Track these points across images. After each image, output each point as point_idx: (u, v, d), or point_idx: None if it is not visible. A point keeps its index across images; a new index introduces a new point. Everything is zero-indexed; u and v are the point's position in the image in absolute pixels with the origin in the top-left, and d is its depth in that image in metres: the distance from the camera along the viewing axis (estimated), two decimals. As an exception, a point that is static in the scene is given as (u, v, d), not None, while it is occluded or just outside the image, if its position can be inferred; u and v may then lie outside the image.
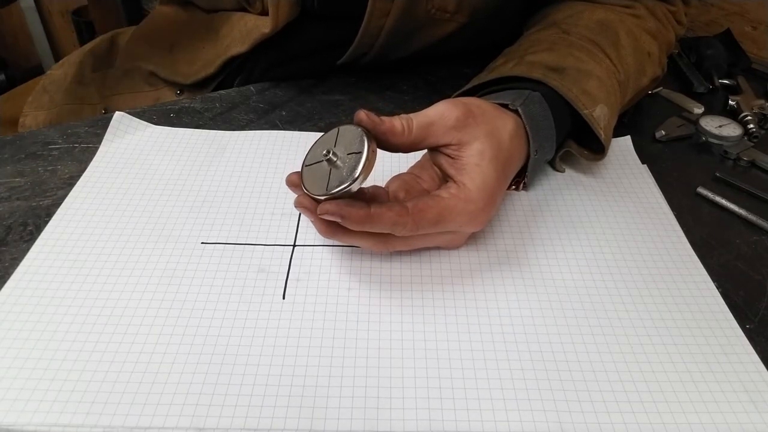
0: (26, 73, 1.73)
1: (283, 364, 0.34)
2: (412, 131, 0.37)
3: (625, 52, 0.50)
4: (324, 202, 0.34)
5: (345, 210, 0.33)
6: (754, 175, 0.53)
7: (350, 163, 0.34)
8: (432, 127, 0.37)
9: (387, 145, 0.37)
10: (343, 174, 0.34)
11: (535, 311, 0.38)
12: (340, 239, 0.37)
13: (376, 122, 0.36)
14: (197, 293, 0.38)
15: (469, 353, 0.35)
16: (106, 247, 0.41)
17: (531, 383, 0.33)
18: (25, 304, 0.37)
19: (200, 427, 0.31)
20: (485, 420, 0.32)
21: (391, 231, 0.35)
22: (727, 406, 0.33)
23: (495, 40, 0.60)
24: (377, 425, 0.31)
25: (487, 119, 0.39)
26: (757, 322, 0.38)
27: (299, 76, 0.63)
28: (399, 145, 0.37)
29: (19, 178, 0.47)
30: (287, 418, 0.31)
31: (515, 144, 0.41)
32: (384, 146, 0.37)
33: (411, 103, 0.60)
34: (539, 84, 0.45)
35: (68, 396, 0.31)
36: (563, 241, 0.43)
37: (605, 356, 0.35)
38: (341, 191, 0.33)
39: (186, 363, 0.34)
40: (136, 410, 0.31)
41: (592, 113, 0.44)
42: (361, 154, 0.34)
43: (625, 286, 0.40)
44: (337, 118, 0.57)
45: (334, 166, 0.35)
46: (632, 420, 0.32)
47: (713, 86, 0.65)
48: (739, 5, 0.80)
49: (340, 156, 0.35)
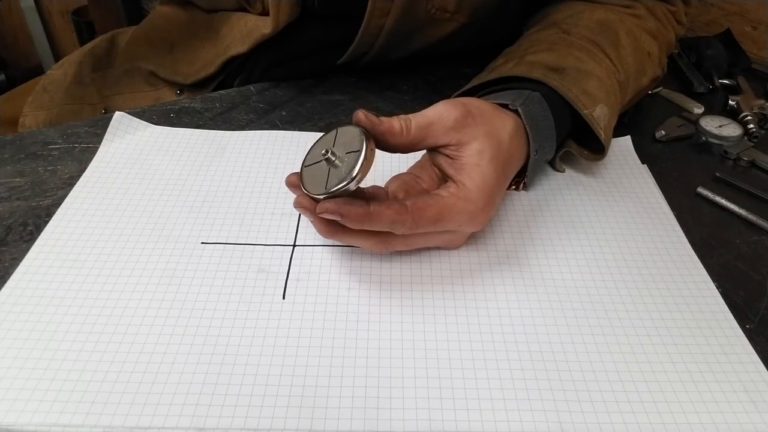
0: (26, 73, 1.73)
1: (283, 364, 0.34)
2: (410, 132, 0.37)
3: (625, 52, 0.50)
4: (323, 201, 0.34)
5: (344, 208, 0.33)
6: (754, 175, 0.53)
7: (349, 162, 0.34)
8: (431, 128, 0.37)
9: (386, 146, 0.37)
10: (341, 173, 0.34)
11: (535, 311, 0.38)
12: (340, 239, 0.37)
13: (374, 122, 0.36)
14: (197, 293, 0.38)
15: (469, 353, 0.35)
16: (106, 247, 0.41)
17: (531, 383, 0.33)
18: (25, 304, 0.37)
19: (200, 427, 0.31)
20: (485, 420, 0.32)
21: (390, 229, 0.35)
22: (727, 406, 0.33)
23: (495, 40, 0.60)
24: (377, 425, 0.31)
25: (486, 119, 0.39)
26: (757, 322, 0.38)
27: (299, 76, 0.63)
28: (398, 146, 0.37)
29: (19, 178, 0.47)
30: (287, 418, 0.31)
31: (515, 144, 0.41)
32: (383, 147, 0.37)
33: (411, 103, 0.60)
34: (539, 84, 0.45)
35: (68, 396, 0.31)
36: (563, 241, 0.43)
37: (605, 356, 0.35)
38: (340, 190, 0.33)
39: (186, 363, 0.34)
40: (136, 410, 0.31)
41: (592, 113, 0.44)
42: (360, 153, 0.34)
43: (625, 286, 0.40)
44: (337, 118, 0.57)
45: (333, 165, 0.35)
46: (632, 420, 0.32)
47: (713, 86, 0.65)
48: (739, 5, 0.80)
49: (338, 156, 0.35)
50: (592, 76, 0.46)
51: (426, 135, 0.37)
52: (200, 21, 0.63)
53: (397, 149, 0.38)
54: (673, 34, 0.57)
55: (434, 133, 0.38)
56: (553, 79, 0.45)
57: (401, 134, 0.37)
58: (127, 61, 0.69)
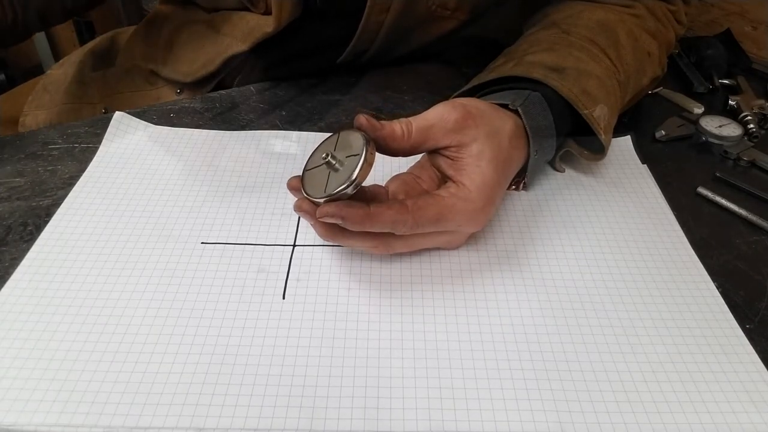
0: (26, 73, 1.73)
1: (283, 364, 0.34)
2: (411, 135, 0.37)
3: (625, 52, 0.50)
4: (323, 204, 0.34)
5: (344, 211, 0.33)
6: (754, 175, 0.53)
7: (349, 166, 0.34)
8: (431, 130, 0.37)
9: (387, 150, 0.37)
10: (341, 176, 0.34)
11: (535, 311, 0.38)
12: (340, 242, 0.37)
13: (376, 127, 0.36)
14: (197, 293, 0.38)
15: (469, 353, 0.35)
16: (106, 247, 0.41)
17: (531, 383, 0.33)
18: (26, 303, 0.37)
19: (200, 427, 0.31)
20: (485, 420, 0.32)
21: (391, 229, 0.35)
22: (728, 406, 0.33)
23: (493, 38, 0.60)
24: (377, 425, 0.31)
25: (486, 120, 0.39)
26: (757, 322, 0.38)
27: (299, 74, 0.63)
28: (399, 150, 0.37)
29: (19, 178, 0.47)
30: (287, 418, 0.31)
31: (515, 144, 0.41)
32: (384, 150, 0.37)
33: (411, 103, 0.60)
34: (539, 84, 0.45)
35: (68, 396, 0.31)
36: (563, 241, 0.43)
37: (605, 356, 0.35)
38: (339, 192, 0.34)
39: (186, 363, 0.34)
40: (136, 410, 0.31)
41: (593, 113, 0.44)
42: (360, 157, 0.34)
43: (625, 286, 0.40)
44: (337, 118, 0.57)
45: (333, 169, 0.35)
46: (632, 420, 0.32)
47: (713, 86, 0.65)
48: (739, 5, 0.80)
49: (339, 159, 0.35)
50: (592, 76, 0.46)
51: (427, 137, 0.38)
52: (201, 20, 0.63)
53: (398, 153, 0.38)
54: (673, 33, 0.57)
55: (435, 135, 0.38)
56: (553, 79, 0.45)
57: (402, 138, 0.37)
58: (127, 61, 0.69)
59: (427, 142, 0.38)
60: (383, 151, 0.37)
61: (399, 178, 0.41)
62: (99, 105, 0.68)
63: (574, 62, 0.46)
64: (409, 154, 0.38)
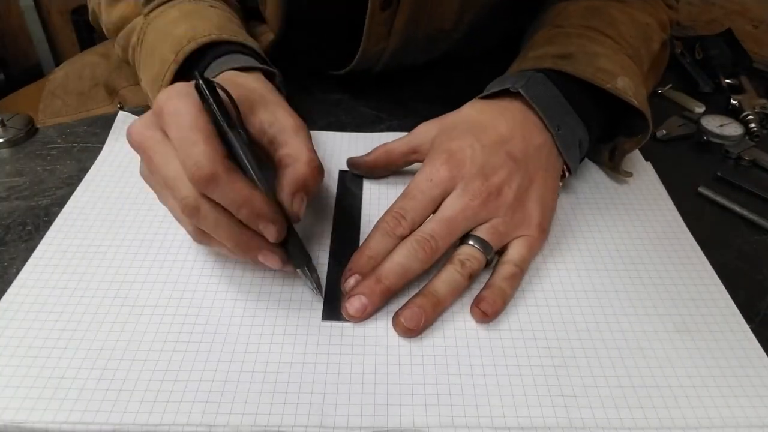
0: (25, 73, 1.73)
1: (292, 362, 0.34)
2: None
3: (624, 27, 0.49)
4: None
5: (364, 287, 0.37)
6: (755, 175, 0.53)
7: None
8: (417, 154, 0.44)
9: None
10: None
11: (542, 307, 0.38)
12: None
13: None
14: (204, 291, 0.38)
15: (477, 349, 0.35)
16: (112, 245, 0.41)
17: (540, 379, 0.34)
18: (33, 303, 0.37)
19: (210, 423, 0.31)
20: (495, 416, 0.32)
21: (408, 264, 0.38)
22: (735, 400, 0.33)
23: (491, 46, 0.60)
24: (387, 421, 0.31)
25: (459, 132, 0.42)
26: (758, 322, 0.38)
27: (299, 75, 0.63)
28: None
29: (18, 177, 0.47)
30: (297, 415, 0.31)
31: (524, 124, 0.42)
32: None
33: (412, 103, 0.60)
34: (551, 72, 0.44)
35: (78, 394, 0.32)
36: (567, 238, 0.43)
37: (612, 352, 0.35)
38: None
39: (195, 361, 0.34)
40: (146, 407, 0.31)
41: (615, 85, 0.44)
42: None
43: (631, 282, 0.40)
44: (337, 117, 0.57)
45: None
46: (641, 415, 0.32)
47: (719, 86, 0.65)
48: (740, 4, 0.80)
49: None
50: (600, 55, 0.46)
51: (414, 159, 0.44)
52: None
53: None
54: (666, 16, 0.56)
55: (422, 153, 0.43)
56: (564, 65, 0.44)
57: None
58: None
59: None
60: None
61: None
62: (113, 100, 0.67)
63: (577, 48, 0.46)
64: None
